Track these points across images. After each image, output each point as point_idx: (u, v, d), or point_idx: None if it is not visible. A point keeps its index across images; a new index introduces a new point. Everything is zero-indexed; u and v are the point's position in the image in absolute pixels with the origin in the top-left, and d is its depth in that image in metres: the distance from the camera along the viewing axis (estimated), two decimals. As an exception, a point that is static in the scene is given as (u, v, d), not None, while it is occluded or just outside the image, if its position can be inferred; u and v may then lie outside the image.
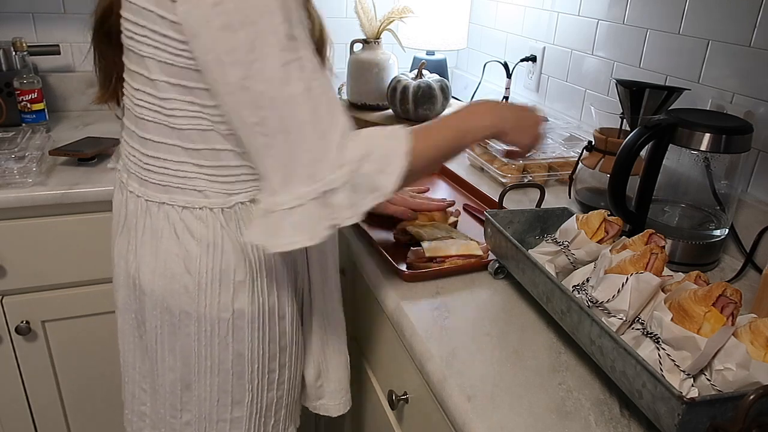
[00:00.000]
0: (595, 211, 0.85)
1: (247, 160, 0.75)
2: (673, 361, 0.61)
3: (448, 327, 0.81)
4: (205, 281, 0.78)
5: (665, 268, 0.74)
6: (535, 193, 1.06)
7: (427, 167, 0.79)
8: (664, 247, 0.75)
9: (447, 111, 1.53)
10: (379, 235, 1.07)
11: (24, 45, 1.52)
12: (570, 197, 1.27)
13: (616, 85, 1.12)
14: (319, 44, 0.76)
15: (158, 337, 0.83)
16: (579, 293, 0.75)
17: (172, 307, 0.80)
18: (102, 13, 0.75)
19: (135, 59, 0.72)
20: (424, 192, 1.11)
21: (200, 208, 0.77)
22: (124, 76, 0.76)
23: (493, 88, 1.84)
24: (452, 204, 1.15)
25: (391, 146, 0.72)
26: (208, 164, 0.75)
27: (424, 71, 1.60)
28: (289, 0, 0.64)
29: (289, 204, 0.67)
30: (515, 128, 0.86)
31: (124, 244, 0.83)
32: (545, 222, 0.95)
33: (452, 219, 1.11)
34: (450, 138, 0.80)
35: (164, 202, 0.77)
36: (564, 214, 0.94)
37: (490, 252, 0.96)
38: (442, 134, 0.80)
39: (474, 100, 0.80)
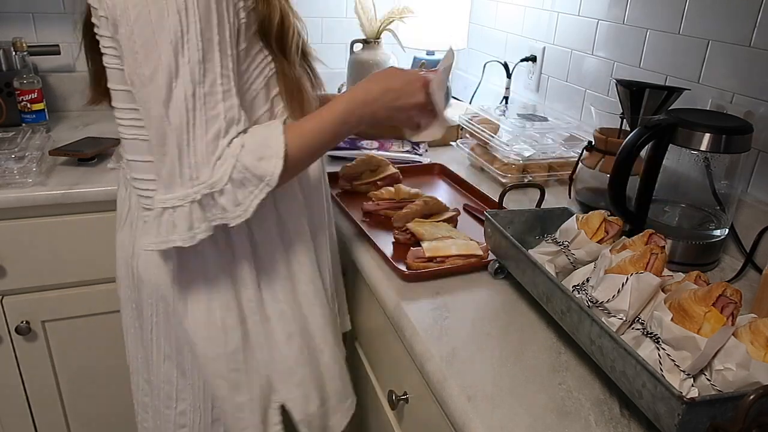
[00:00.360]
0: (595, 211, 0.85)
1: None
2: (673, 361, 0.61)
3: (448, 327, 0.81)
4: (187, 265, 0.80)
5: (665, 268, 0.74)
6: (535, 193, 1.06)
7: (308, 154, 0.76)
8: (664, 247, 0.75)
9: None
10: (379, 235, 1.07)
11: (24, 45, 1.52)
12: (570, 197, 1.27)
13: (616, 85, 1.12)
14: (278, 34, 0.74)
15: (154, 326, 0.86)
16: (579, 293, 0.75)
17: (167, 295, 0.82)
18: (86, 16, 0.78)
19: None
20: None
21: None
22: None
23: (493, 88, 1.84)
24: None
25: (264, 132, 0.71)
26: (140, 177, 0.79)
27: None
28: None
29: (169, 203, 0.68)
30: (390, 113, 0.82)
31: (126, 237, 0.86)
32: (545, 222, 0.95)
33: (448, 214, 1.12)
34: (327, 124, 0.77)
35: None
36: (564, 214, 0.94)
37: (490, 252, 0.96)
38: (318, 120, 0.77)
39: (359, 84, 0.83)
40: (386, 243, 1.04)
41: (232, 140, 0.68)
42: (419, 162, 1.44)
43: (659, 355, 0.63)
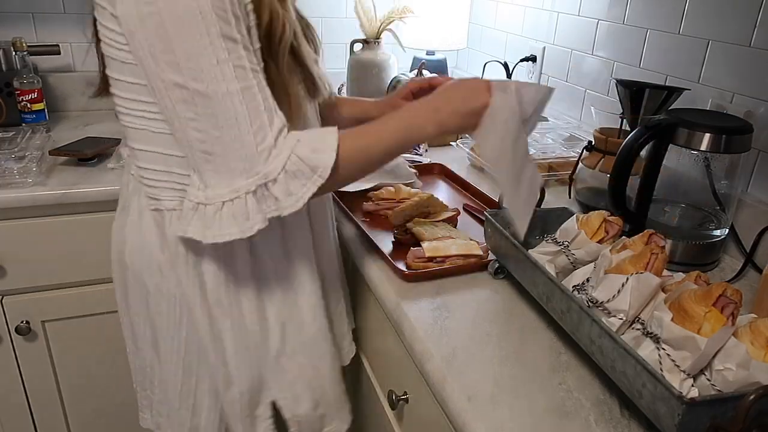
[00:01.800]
0: (595, 211, 0.85)
1: (178, 166, 0.76)
2: (673, 361, 0.61)
3: (448, 327, 0.81)
4: (179, 260, 0.80)
5: (665, 268, 0.74)
6: (535, 193, 1.06)
7: (364, 154, 0.76)
8: (664, 247, 0.75)
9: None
10: (379, 235, 1.07)
11: (24, 45, 1.52)
12: (570, 197, 1.27)
13: (616, 85, 1.12)
14: (265, 34, 0.72)
15: (139, 312, 0.87)
16: (579, 293, 0.75)
17: (148, 283, 0.83)
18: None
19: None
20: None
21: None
22: None
23: (493, 88, 1.84)
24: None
25: (320, 130, 0.73)
26: (145, 166, 0.77)
27: (424, 71, 1.60)
28: (224, 1, 0.64)
29: (226, 197, 0.69)
30: (463, 123, 0.79)
31: (119, 222, 0.87)
32: (545, 222, 0.95)
33: (449, 214, 1.12)
34: (387, 138, 0.78)
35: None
36: (564, 214, 0.94)
37: (490, 252, 0.96)
38: (379, 123, 0.78)
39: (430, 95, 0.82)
40: (386, 243, 1.04)
41: (281, 131, 0.69)
42: (419, 162, 1.43)
43: (659, 355, 0.63)
